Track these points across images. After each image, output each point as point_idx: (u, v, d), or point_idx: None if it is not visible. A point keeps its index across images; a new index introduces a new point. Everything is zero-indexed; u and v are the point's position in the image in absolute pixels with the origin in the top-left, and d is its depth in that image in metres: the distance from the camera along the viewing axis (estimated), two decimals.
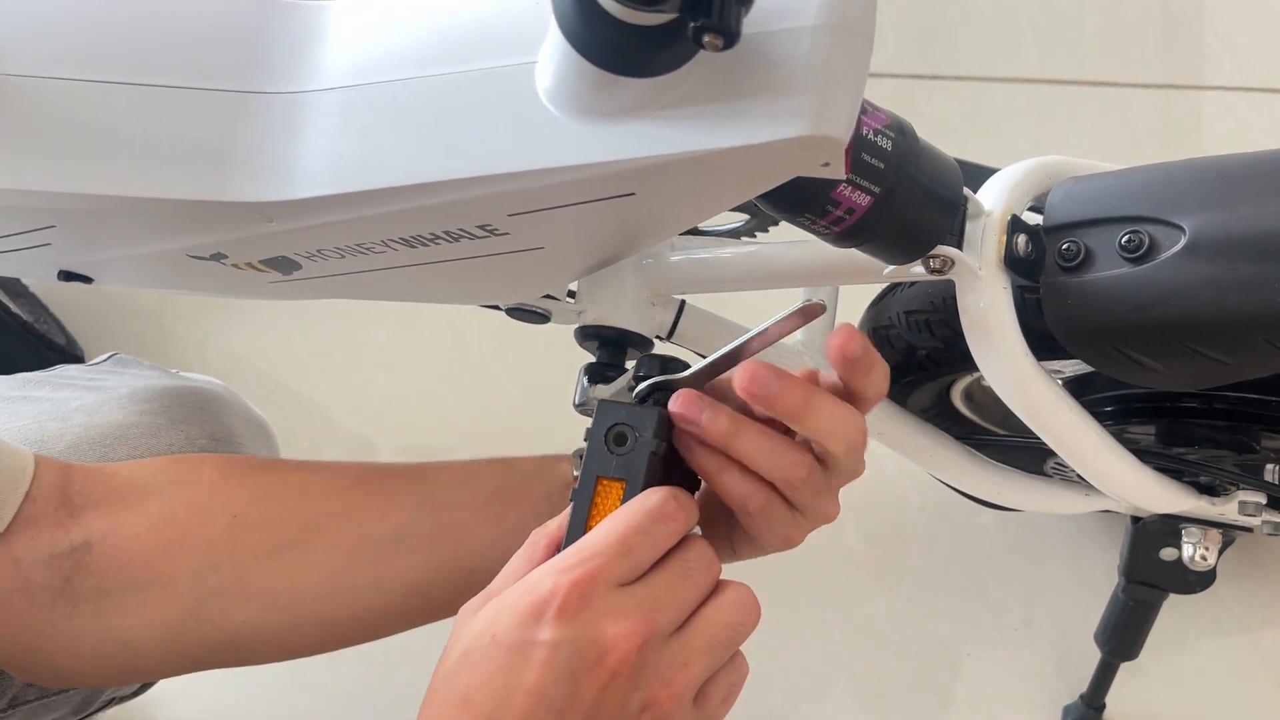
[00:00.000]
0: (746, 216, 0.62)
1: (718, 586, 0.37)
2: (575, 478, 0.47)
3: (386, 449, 1.11)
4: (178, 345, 1.17)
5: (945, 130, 1.11)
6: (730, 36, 0.29)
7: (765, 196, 0.39)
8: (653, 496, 0.37)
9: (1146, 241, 0.44)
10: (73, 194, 0.42)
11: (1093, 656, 0.77)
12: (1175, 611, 0.83)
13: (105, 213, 0.44)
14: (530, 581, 0.36)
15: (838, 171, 0.35)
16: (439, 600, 0.50)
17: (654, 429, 0.39)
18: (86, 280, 0.54)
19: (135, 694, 0.63)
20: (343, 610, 0.49)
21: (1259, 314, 0.41)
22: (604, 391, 0.52)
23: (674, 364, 0.44)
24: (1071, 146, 1.08)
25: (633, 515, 0.36)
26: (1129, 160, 0.48)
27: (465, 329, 1.15)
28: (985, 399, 0.66)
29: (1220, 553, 0.61)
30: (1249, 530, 0.60)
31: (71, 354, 1.04)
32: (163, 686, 0.64)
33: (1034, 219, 0.47)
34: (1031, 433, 0.51)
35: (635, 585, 0.36)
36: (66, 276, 0.54)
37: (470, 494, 0.51)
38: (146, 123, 0.41)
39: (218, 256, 0.47)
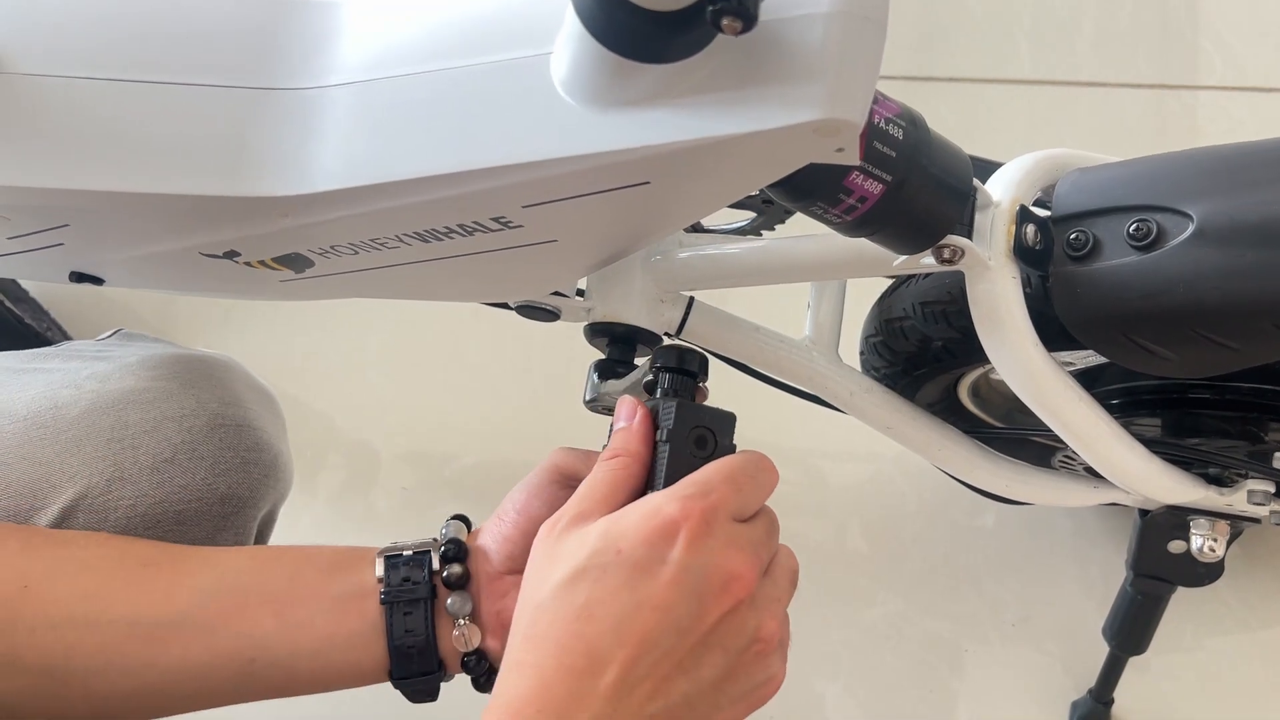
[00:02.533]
0: (753, 214, 0.62)
1: None
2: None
3: (386, 453, 1.11)
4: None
5: (943, 132, 1.11)
6: (749, 19, 0.29)
7: (778, 185, 0.40)
8: (752, 452, 0.41)
9: (1154, 230, 0.44)
10: (89, 191, 0.42)
11: (1097, 652, 0.77)
12: (1176, 608, 0.83)
13: (120, 210, 0.44)
14: (653, 504, 0.38)
15: (852, 157, 0.35)
16: (215, 687, 0.48)
17: (732, 432, 0.42)
18: (98, 281, 0.54)
19: None
20: (114, 687, 0.48)
21: (1267, 299, 0.42)
22: (617, 386, 0.52)
23: (691, 355, 0.44)
24: (1066, 147, 1.09)
25: (743, 461, 0.40)
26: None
27: (464, 332, 1.15)
28: (991, 394, 0.66)
29: (1229, 544, 0.61)
30: (1257, 521, 0.60)
31: None
32: None
33: (1043, 211, 0.48)
34: (1037, 427, 0.51)
35: (746, 524, 0.39)
36: (78, 278, 0.54)
37: (261, 583, 0.49)
38: (163, 120, 0.41)
39: (231, 254, 0.47)
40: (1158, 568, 0.65)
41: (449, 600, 0.47)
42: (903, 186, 0.40)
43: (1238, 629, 0.84)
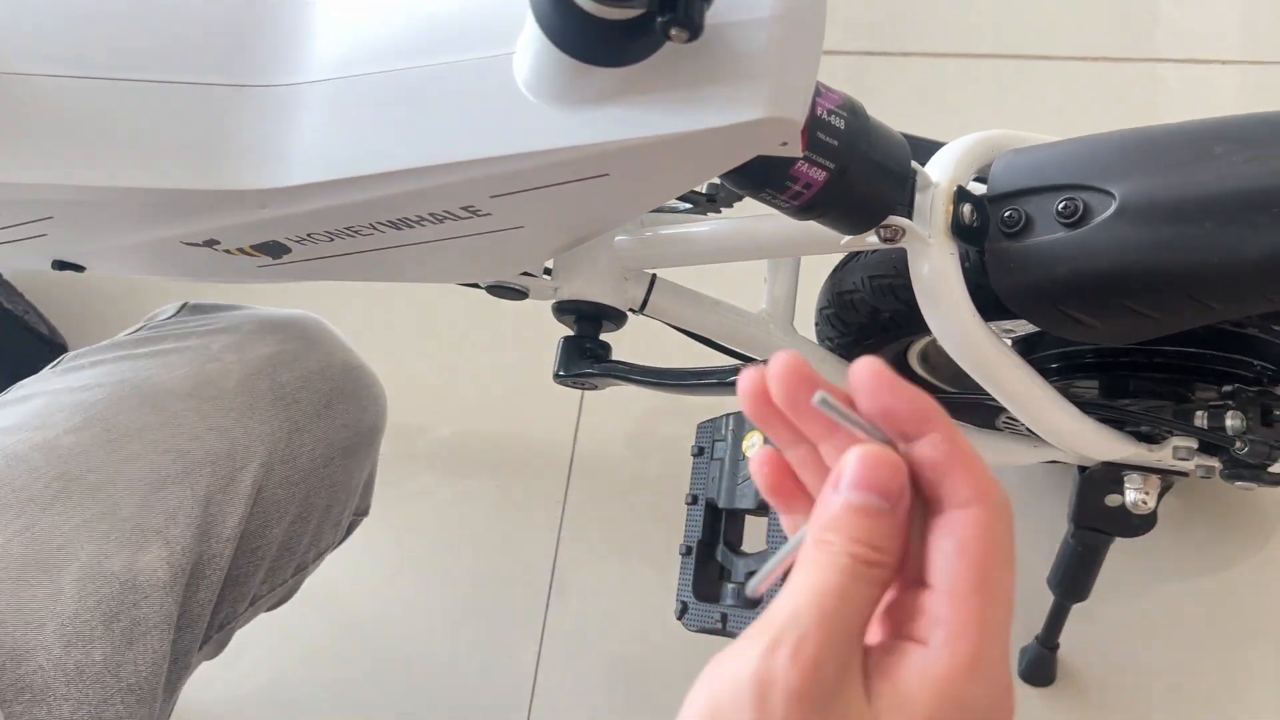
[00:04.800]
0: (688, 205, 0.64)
1: None
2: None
3: None
4: None
5: (901, 106, 1.14)
6: (695, 30, 0.32)
7: (730, 174, 0.42)
8: None
9: (1080, 207, 0.47)
10: (73, 186, 0.44)
11: (1044, 601, 0.81)
12: (1118, 559, 0.87)
13: (103, 204, 0.46)
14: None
15: (795, 150, 0.38)
16: None
17: None
18: (79, 269, 0.56)
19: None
20: None
21: (1182, 271, 0.45)
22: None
23: None
24: (1026, 120, 1.12)
25: None
26: (1083, 132, 0.52)
27: (435, 307, 1.17)
28: (939, 360, 0.70)
29: (1160, 497, 0.65)
30: (1185, 475, 0.64)
31: (54, 342, 1.05)
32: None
33: (979, 189, 0.51)
34: (981, 392, 0.55)
35: None
36: (60, 266, 0.56)
37: None
38: (144, 117, 0.43)
39: (211, 243, 0.50)
40: (1096, 520, 0.69)
41: None
42: (845, 173, 0.43)
43: (1175, 577, 0.89)
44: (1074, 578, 0.74)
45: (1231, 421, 0.55)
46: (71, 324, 1.13)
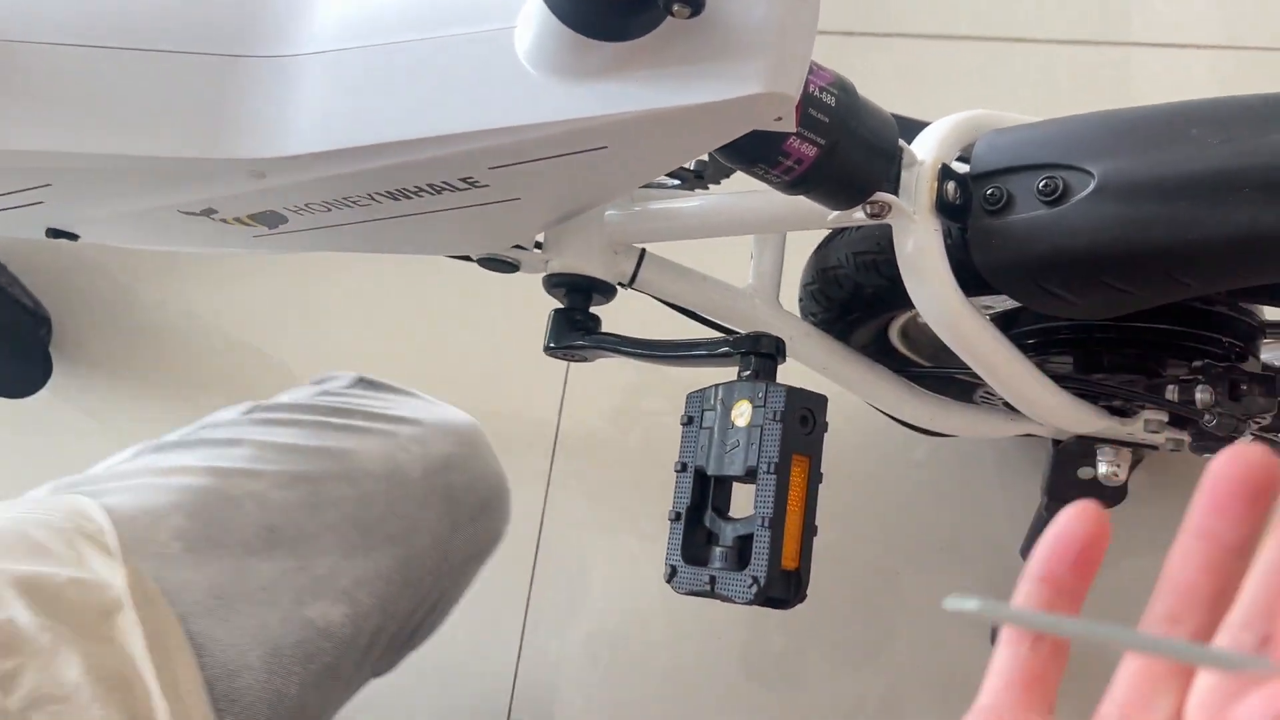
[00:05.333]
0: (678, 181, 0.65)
1: None
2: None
3: None
4: (139, 306, 1.18)
5: (883, 86, 1.15)
6: (697, 6, 0.33)
7: (724, 149, 0.44)
8: None
9: (1060, 186, 0.49)
10: (74, 154, 0.44)
11: (1018, 570, 0.83)
12: None
13: (103, 171, 0.46)
14: None
15: (789, 125, 0.39)
16: None
17: (825, 411, 0.47)
18: (73, 237, 0.56)
19: None
20: None
21: (1158, 248, 0.47)
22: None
23: (769, 339, 0.49)
24: (1006, 102, 1.13)
25: None
26: (1060, 114, 0.53)
27: (423, 281, 1.17)
28: (919, 336, 0.71)
29: (1131, 470, 0.68)
30: (1155, 448, 0.66)
31: (38, 314, 1.04)
32: None
33: (962, 168, 0.52)
34: (960, 366, 0.56)
35: None
36: (54, 234, 0.56)
37: None
38: (146, 85, 0.43)
39: (208, 212, 0.50)
40: (1068, 492, 0.71)
41: None
42: (835, 149, 0.44)
43: (1145, 550, 0.92)
44: None
45: (1201, 395, 0.57)
46: (55, 298, 1.13)
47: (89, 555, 0.57)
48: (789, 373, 0.56)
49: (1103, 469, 0.66)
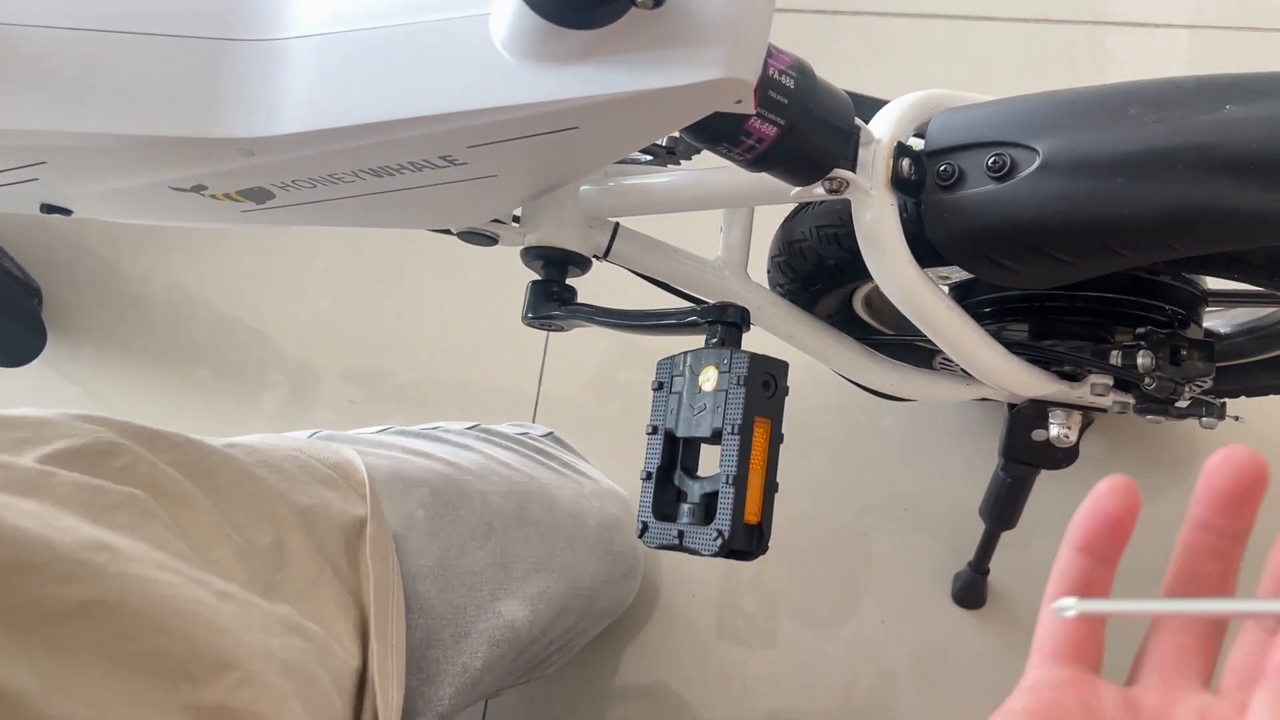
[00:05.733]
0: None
1: None
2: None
3: (331, 371, 1.16)
4: (125, 279, 1.20)
5: (854, 63, 1.18)
6: None
7: (689, 129, 0.46)
8: None
9: (1008, 163, 0.51)
10: (70, 133, 0.47)
11: (978, 530, 0.87)
12: (1049, 493, 0.94)
13: (97, 150, 0.48)
14: None
15: (748, 108, 0.41)
16: None
17: (786, 376, 0.50)
18: (66, 212, 0.59)
19: None
20: None
21: (1095, 221, 0.50)
22: None
23: (736, 309, 0.52)
24: (977, 80, 1.16)
25: None
26: (1031, 92, 0.55)
27: (404, 255, 1.19)
28: (881, 305, 0.74)
29: (1081, 432, 0.71)
30: (1104, 410, 0.70)
31: (29, 285, 1.06)
32: None
33: (919, 144, 0.55)
34: (919, 333, 0.59)
35: None
36: (48, 209, 0.58)
37: None
38: (139, 67, 0.45)
39: (199, 188, 0.52)
40: (1023, 454, 0.74)
41: None
42: (794, 129, 0.47)
43: None
44: (1003, 507, 0.80)
45: (1142, 360, 0.61)
46: (42, 272, 1.14)
47: (350, 500, 0.65)
48: (758, 341, 0.59)
49: (1054, 431, 0.69)
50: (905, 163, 0.52)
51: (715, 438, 0.51)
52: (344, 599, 0.60)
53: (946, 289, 0.70)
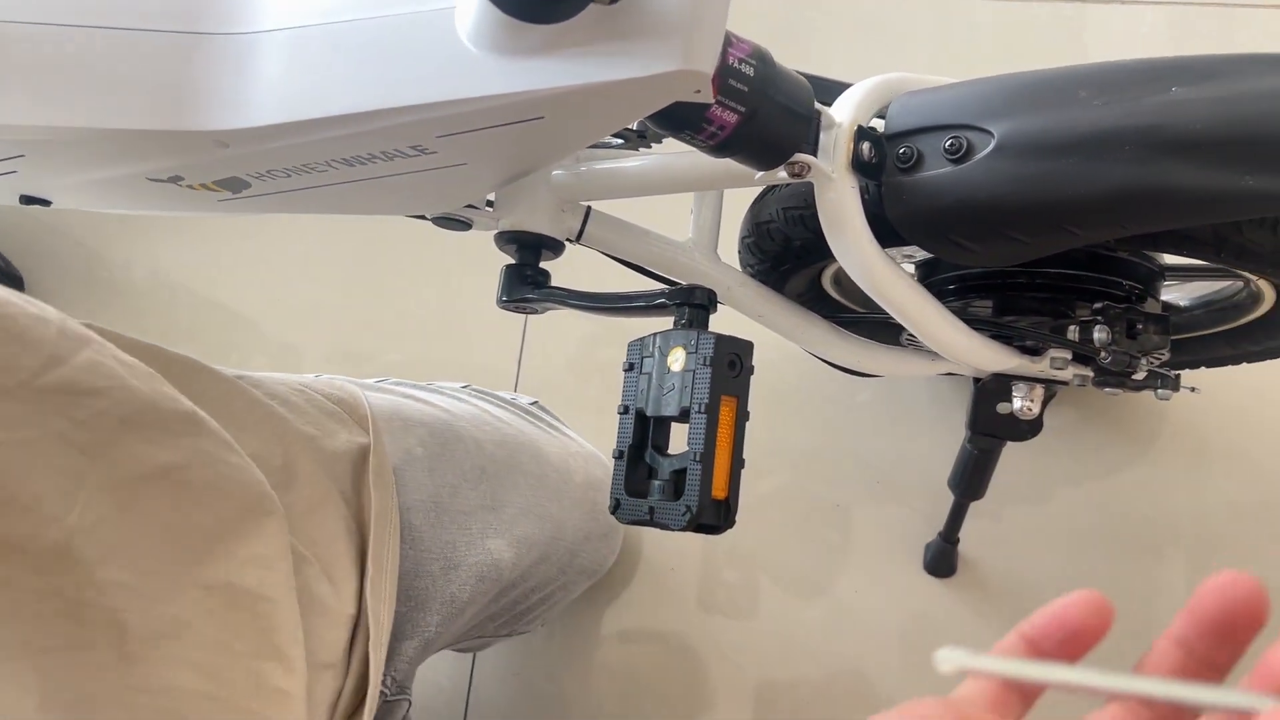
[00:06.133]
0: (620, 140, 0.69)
1: None
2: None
3: (314, 353, 1.17)
4: (105, 266, 1.20)
5: (841, 42, 1.19)
6: None
7: (653, 117, 0.47)
8: None
9: (964, 145, 0.53)
10: (47, 127, 0.48)
11: (949, 501, 0.90)
12: (1018, 464, 0.96)
13: (75, 143, 0.49)
14: None
15: (707, 97, 0.43)
16: None
17: (752, 356, 0.52)
18: (46, 203, 0.60)
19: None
20: None
21: (1047, 201, 0.51)
22: None
23: (703, 291, 0.53)
24: (961, 59, 1.17)
25: None
26: (1015, 70, 0.56)
27: (383, 239, 1.20)
28: (850, 283, 0.76)
29: (1044, 405, 0.73)
30: (1065, 383, 0.72)
31: (9, 273, 1.06)
32: None
33: (880, 122, 0.56)
34: (885, 311, 0.61)
35: None
36: (27, 200, 0.59)
37: None
38: (116, 62, 0.46)
39: (175, 179, 0.53)
40: (989, 426, 0.76)
41: None
42: (754, 116, 0.48)
43: (1065, 481, 0.98)
44: (970, 478, 0.82)
45: (1099, 335, 0.63)
46: (23, 261, 1.15)
47: (354, 432, 0.68)
48: (737, 321, 0.60)
49: (1017, 404, 0.71)
50: (865, 146, 0.54)
51: (684, 416, 0.53)
52: (349, 523, 0.64)
53: (911, 267, 0.72)
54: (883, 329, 0.75)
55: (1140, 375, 0.67)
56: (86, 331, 0.50)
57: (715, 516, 0.52)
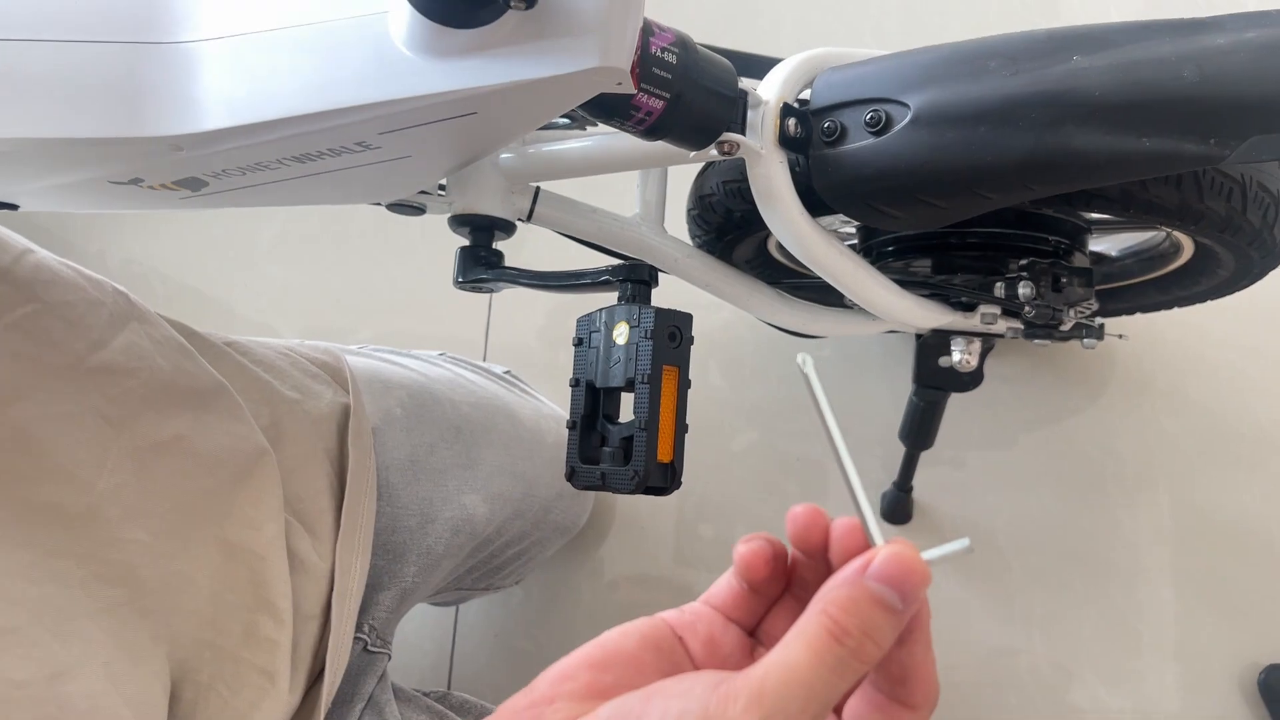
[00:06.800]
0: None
1: None
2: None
3: (286, 333, 1.20)
4: (78, 257, 1.22)
5: (816, 14, 1.21)
6: (530, 1, 0.39)
7: (584, 106, 0.50)
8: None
9: (884, 118, 0.56)
10: (4, 139, 0.50)
11: (899, 453, 0.94)
12: (967, 414, 1.00)
13: (33, 152, 0.52)
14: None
15: (628, 89, 0.46)
16: None
17: (691, 327, 0.55)
18: (13, 208, 0.62)
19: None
20: None
21: (960, 169, 0.54)
22: None
23: (642, 267, 0.56)
24: (933, 26, 1.19)
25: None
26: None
27: (348, 220, 1.22)
28: None
29: (983, 357, 0.77)
30: (1001, 335, 0.75)
31: None
32: None
33: (808, 95, 0.59)
34: None
35: None
36: None
37: None
38: (66, 73, 0.49)
39: (135, 180, 0.56)
40: (932, 379, 0.80)
41: None
42: (679, 100, 0.51)
43: (1018, 426, 1.03)
44: (918, 429, 0.86)
45: (1023, 290, 0.66)
46: None
47: (337, 393, 0.72)
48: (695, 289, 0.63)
49: (956, 357, 0.75)
50: (792, 122, 0.57)
51: (629, 386, 0.56)
52: (331, 480, 0.68)
53: (852, 230, 0.75)
54: (828, 291, 0.79)
55: (1067, 326, 0.70)
56: (131, 308, 0.58)
57: (661, 479, 0.55)
